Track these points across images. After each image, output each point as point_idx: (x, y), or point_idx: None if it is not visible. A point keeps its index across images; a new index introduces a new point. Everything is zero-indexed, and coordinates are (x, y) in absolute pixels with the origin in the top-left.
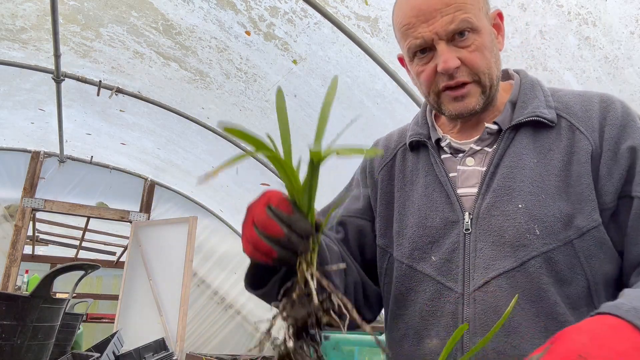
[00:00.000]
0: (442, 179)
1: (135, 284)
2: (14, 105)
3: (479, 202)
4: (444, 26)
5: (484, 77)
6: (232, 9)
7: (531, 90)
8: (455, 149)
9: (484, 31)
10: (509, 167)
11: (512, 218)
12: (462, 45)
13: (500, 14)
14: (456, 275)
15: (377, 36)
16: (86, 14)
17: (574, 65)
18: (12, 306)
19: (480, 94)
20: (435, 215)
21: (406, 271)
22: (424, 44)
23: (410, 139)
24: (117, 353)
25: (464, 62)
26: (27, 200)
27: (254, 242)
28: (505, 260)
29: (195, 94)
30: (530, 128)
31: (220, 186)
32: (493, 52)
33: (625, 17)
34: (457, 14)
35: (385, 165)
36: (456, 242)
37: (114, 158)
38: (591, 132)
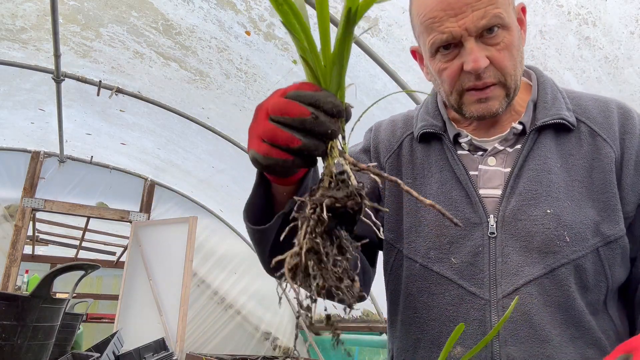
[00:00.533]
0: (461, 177)
1: (135, 284)
2: (14, 105)
3: (503, 205)
4: (474, 21)
5: (510, 79)
6: (232, 9)
7: (551, 90)
8: (476, 146)
9: (512, 28)
10: (535, 170)
11: (540, 223)
12: (491, 42)
13: (524, 8)
14: (481, 280)
15: (377, 36)
16: (86, 14)
17: (574, 65)
18: (12, 306)
19: (504, 97)
20: (455, 215)
21: (420, 271)
22: (451, 39)
23: (423, 130)
24: (117, 353)
25: (492, 62)
26: (27, 200)
27: (271, 135)
28: (533, 266)
29: (195, 94)
30: (552, 130)
31: (220, 186)
32: (520, 50)
33: (625, 17)
34: (488, 9)
35: (392, 153)
36: (480, 246)
37: (114, 158)
38: (613, 140)
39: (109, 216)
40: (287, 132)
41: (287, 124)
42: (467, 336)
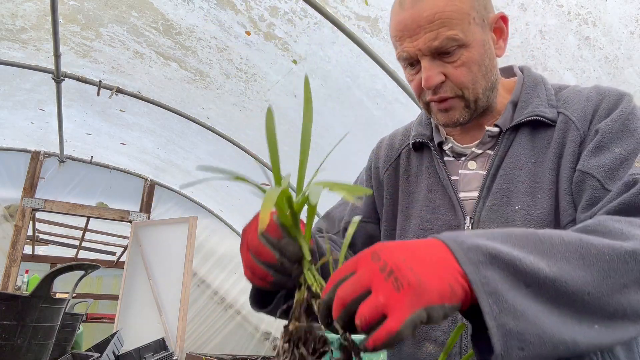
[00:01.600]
0: (444, 182)
1: (135, 284)
2: (14, 105)
3: (479, 207)
4: (426, 43)
5: (467, 92)
6: (232, 9)
7: (533, 89)
8: (458, 152)
9: (473, 44)
10: (507, 169)
11: (510, 221)
12: (447, 60)
13: (504, 17)
14: None
15: (377, 36)
16: (86, 14)
17: (574, 65)
18: (12, 306)
19: (464, 107)
20: (437, 219)
21: None
22: (409, 58)
23: (414, 140)
24: (117, 353)
25: (448, 78)
26: (27, 200)
27: (251, 267)
28: None
29: (195, 94)
30: (529, 128)
31: (220, 186)
32: (483, 65)
33: (625, 17)
34: (441, 31)
35: (390, 165)
36: None
37: (114, 158)
38: (582, 122)
39: (109, 216)
40: (263, 268)
41: (262, 263)
42: (440, 333)
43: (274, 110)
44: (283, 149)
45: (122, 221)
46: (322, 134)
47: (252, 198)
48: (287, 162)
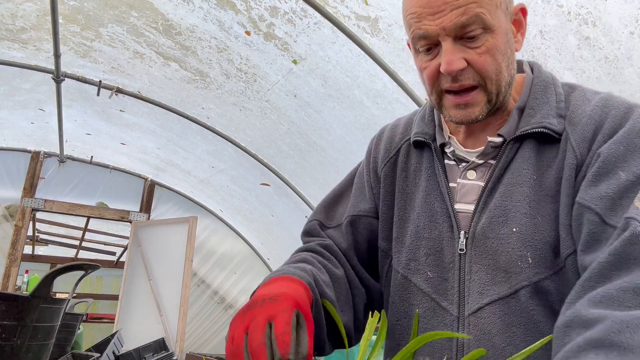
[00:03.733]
0: (442, 189)
1: (135, 284)
2: (14, 105)
3: (474, 222)
4: (453, 20)
5: (490, 83)
6: (232, 9)
7: (543, 93)
8: (459, 157)
9: (498, 31)
10: (507, 185)
11: (506, 242)
12: (471, 45)
13: (524, 9)
14: (452, 296)
15: (377, 36)
16: (86, 14)
17: (574, 65)
18: (12, 306)
19: (486, 102)
20: (434, 228)
21: (401, 281)
22: (428, 38)
23: (415, 137)
24: (117, 353)
25: (470, 64)
26: (27, 200)
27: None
28: (499, 286)
29: (195, 94)
30: (535, 139)
31: (220, 186)
32: (506, 55)
33: (625, 17)
34: (470, 7)
35: (388, 160)
36: (452, 262)
37: (114, 158)
38: (580, 145)
39: (109, 216)
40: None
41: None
42: (436, 350)
43: (274, 110)
44: (283, 149)
45: (122, 221)
46: (322, 134)
47: (252, 198)
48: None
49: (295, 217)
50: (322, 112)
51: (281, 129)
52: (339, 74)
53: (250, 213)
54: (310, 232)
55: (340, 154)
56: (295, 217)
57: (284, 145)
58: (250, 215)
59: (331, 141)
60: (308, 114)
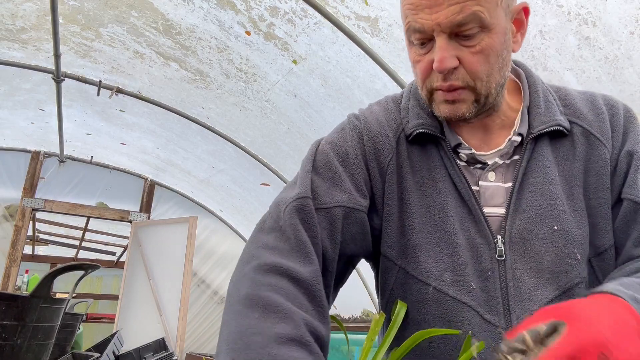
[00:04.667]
0: (463, 193)
1: (135, 284)
2: (14, 105)
3: (509, 224)
4: (449, 17)
5: (480, 85)
6: (232, 9)
7: (542, 92)
8: (475, 159)
9: (496, 30)
10: (536, 184)
11: (549, 242)
12: (465, 43)
13: (527, 8)
14: (496, 307)
15: (377, 36)
16: (86, 14)
17: (574, 65)
18: (12, 306)
19: (473, 101)
20: (461, 235)
21: (434, 295)
22: (423, 32)
23: (419, 129)
24: (117, 353)
25: (462, 64)
26: (27, 200)
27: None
28: (546, 289)
29: (195, 94)
30: (547, 138)
31: (220, 186)
32: (501, 56)
33: (625, 17)
34: (468, 4)
35: (392, 157)
36: (489, 270)
37: (114, 158)
38: (606, 138)
39: (109, 216)
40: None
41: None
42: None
43: (274, 110)
44: (283, 149)
45: (122, 221)
46: (322, 134)
47: (252, 198)
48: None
49: None
50: (322, 112)
51: (281, 129)
52: (339, 74)
53: (250, 213)
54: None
55: None
56: None
57: (284, 145)
58: (250, 215)
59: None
60: (308, 114)
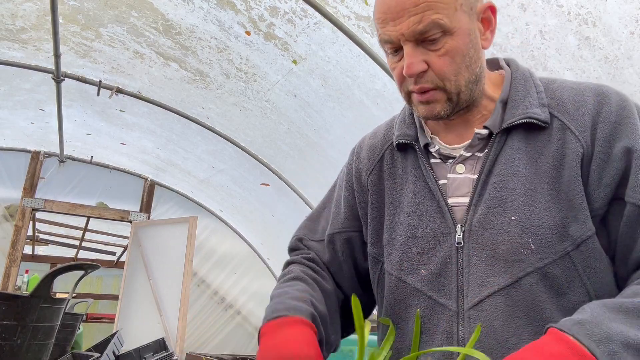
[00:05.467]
0: (431, 187)
1: (135, 284)
2: (14, 105)
3: (470, 214)
4: (410, 27)
5: (449, 84)
6: (232, 9)
7: (523, 85)
8: (445, 155)
9: (458, 32)
10: (501, 175)
11: (505, 231)
12: (431, 47)
13: (493, 7)
14: (450, 291)
15: (377, 36)
16: (86, 14)
17: (574, 65)
18: (12, 306)
19: (446, 100)
20: (425, 226)
21: (396, 283)
22: (392, 42)
23: (398, 140)
24: (117, 353)
25: (430, 67)
26: (27, 200)
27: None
28: (499, 276)
29: (195, 94)
30: (522, 130)
31: (220, 186)
32: (467, 55)
33: (625, 17)
34: (426, 14)
35: (373, 168)
36: (448, 256)
37: (114, 158)
38: (582, 132)
39: (109, 216)
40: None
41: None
42: (435, 347)
43: (274, 110)
44: (283, 149)
45: (122, 221)
46: (322, 134)
47: (252, 198)
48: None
49: (295, 217)
50: (322, 112)
51: (281, 129)
52: (339, 74)
53: (250, 213)
54: (293, 248)
55: (340, 154)
56: (295, 217)
57: (284, 145)
58: (250, 215)
59: (331, 141)
60: (308, 114)
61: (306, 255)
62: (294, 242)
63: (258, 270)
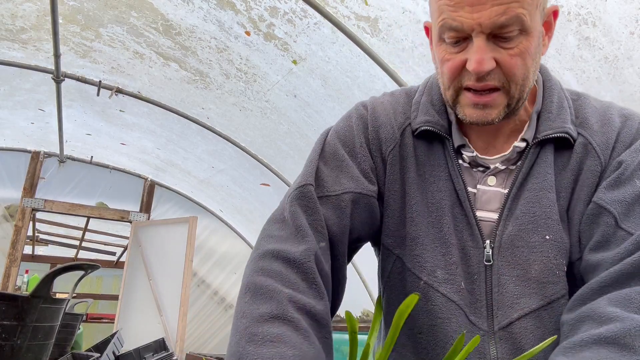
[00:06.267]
0: (460, 195)
1: (135, 284)
2: (14, 105)
3: (500, 230)
4: (492, 17)
5: (515, 88)
6: (232, 9)
7: (557, 99)
8: (478, 162)
9: (533, 34)
10: (533, 190)
11: (539, 251)
12: (504, 45)
13: (557, 11)
14: (480, 309)
15: (377, 36)
16: (86, 14)
17: (574, 66)
18: (12, 306)
19: (505, 106)
20: (454, 235)
21: (424, 290)
22: (461, 31)
23: (425, 127)
24: (117, 353)
25: (500, 65)
26: (27, 200)
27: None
28: (530, 297)
29: (195, 94)
30: (552, 144)
31: (220, 186)
32: (535, 60)
33: (625, 17)
34: (512, 6)
35: (395, 144)
36: (477, 273)
37: (114, 158)
38: (604, 150)
39: (109, 216)
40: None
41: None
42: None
43: (274, 111)
44: (283, 149)
45: (122, 221)
46: None
47: (252, 198)
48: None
49: None
50: (322, 112)
51: (281, 129)
52: (338, 74)
53: (250, 213)
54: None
55: None
56: None
57: (284, 145)
58: (250, 215)
59: None
60: (308, 114)
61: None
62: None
63: None
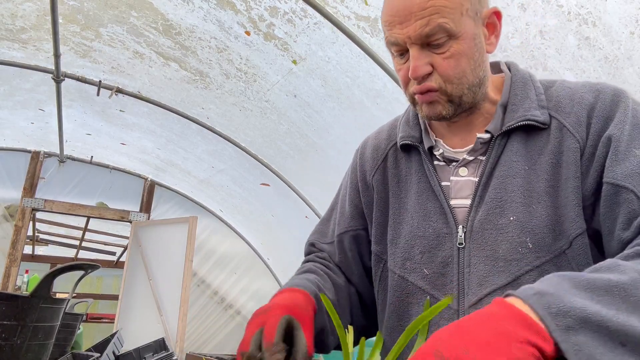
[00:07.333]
0: (435, 189)
1: (135, 284)
2: (14, 105)
3: (472, 215)
4: (417, 30)
5: (452, 87)
6: (232, 9)
7: (522, 89)
8: (449, 158)
9: (464, 37)
10: (501, 177)
11: (504, 232)
12: (436, 51)
13: (498, 12)
14: (451, 290)
15: (377, 36)
16: (86, 14)
17: (574, 66)
18: (12, 306)
19: (447, 102)
20: (428, 226)
21: (399, 282)
22: (398, 45)
23: (402, 141)
24: (117, 353)
25: (436, 69)
26: (27, 200)
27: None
28: (499, 275)
29: (195, 94)
30: (522, 132)
31: (220, 186)
32: (473, 59)
33: (625, 17)
34: (432, 18)
35: (377, 168)
36: (450, 256)
37: (114, 158)
38: (577, 128)
39: (109, 216)
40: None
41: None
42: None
43: (274, 111)
44: (283, 149)
45: (122, 221)
46: (322, 134)
47: (252, 198)
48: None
49: (295, 217)
50: (322, 112)
51: (281, 129)
52: (338, 74)
53: (250, 213)
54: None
55: (340, 154)
56: (295, 217)
57: (284, 145)
58: (250, 215)
59: (331, 141)
60: (308, 114)
61: (320, 254)
62: (307, 247)
63: (258, 271)
